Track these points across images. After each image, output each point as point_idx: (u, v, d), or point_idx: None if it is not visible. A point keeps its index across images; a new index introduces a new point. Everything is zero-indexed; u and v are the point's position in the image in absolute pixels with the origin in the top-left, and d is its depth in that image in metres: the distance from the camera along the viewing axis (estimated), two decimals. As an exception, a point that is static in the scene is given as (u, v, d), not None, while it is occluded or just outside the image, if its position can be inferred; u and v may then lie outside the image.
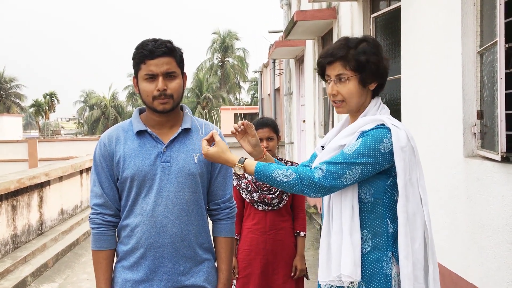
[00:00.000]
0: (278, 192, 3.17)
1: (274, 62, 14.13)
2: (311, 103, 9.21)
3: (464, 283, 3.46)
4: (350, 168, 1.82)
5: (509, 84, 2.95)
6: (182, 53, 2.08)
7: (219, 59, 53.07)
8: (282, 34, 10.93)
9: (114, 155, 2.05)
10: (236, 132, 2.10)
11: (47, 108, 58.67)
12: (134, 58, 2.03)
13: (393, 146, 1.84)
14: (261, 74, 18.59)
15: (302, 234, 3.28)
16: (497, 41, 2.94)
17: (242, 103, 52.68)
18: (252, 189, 3.19)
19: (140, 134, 2.07)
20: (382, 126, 1.89)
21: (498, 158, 2.96)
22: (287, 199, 3.22)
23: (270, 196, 3.16)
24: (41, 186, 7.15)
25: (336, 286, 1.92)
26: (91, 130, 55.12)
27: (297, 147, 11.85)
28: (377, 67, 1.94)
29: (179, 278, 2.05)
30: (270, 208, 3.18)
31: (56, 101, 59.61)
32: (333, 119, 7.98)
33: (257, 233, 3.19)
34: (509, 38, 2.90)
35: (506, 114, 2.94)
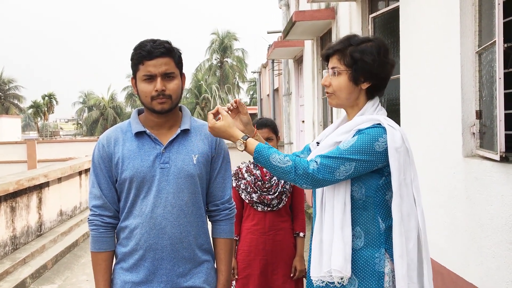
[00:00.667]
0: (277, 193, 3.17)
1: (273, 63, 14.13)
2: (310, 104, 9.20)
3: (463, 283, 3.46)
4: (344, 163, 1.86)
5: (508, 83, 2.95)
6: (180, 53, 2.08)
7: (218, 60, 53.05)
8: (281, 34, 10.93)
9: (113, 157, 2.05)
10: (229, 110, 2.12)
11: (46, 109, 58.67)
12: (132, 59, 2.02)
13: (387, 145, 1.87)
14: (260, 75, 18.58)
15: (301, 234, 3.28)
16: (495, 41, 2.94)
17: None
18: (251, 190, 3.18)
19: (138, 135, 2.06)
20: (378, 125, 1.92)
21: (497, 158, 2.96)
22: (287, 200, 3.22)
23: (270, 197, 3.16)
24: (40, 187, 7.14)
25: (327, 282, 1.94)
26: (90, 131, 55.09)
27: (296, 148, 11.85)
28: (370, 67, 1.95)
29: (178, 280, 2.04)
30: (269, 209, 3.18)
31: (55, 102, 59.62)
32: (332, 120, 7.98)
33: (256, 233, 3.19)
34: (507, 38, 2.90)
35: (505, 114, 2.94)
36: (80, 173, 9.24)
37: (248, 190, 3.19)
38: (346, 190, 1.92)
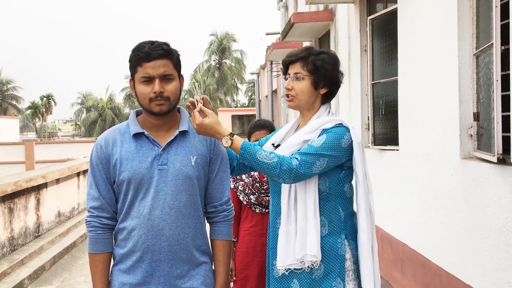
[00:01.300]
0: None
1: (271, 64, 14.15)
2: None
3: (461, 284, 3.47)
4: (319, 158, 2.09)
5: (505, 86, 2.96)
6: (178, 55, 2.08)
7: (217, 61, 53.05)
8: (279, 36, 10.95)
9: (111, 158, 2.05)
10: (191, 106, 2.15)
11: (44, 110, 58.57)
12: (130, 61, 2.02)
13: (352, 142, 2.15)
14: (258, 76, 18.61)
15: (299, 236, 3.29)
16: (493, 43, 2.95)
17: (240, 105, 52.66)
18: (249, 191, 3.19)
19: (137, 136, 2.06)
20: (340, 125, 2.19)
21: (495, 159, 2.96)
22: (285, 201, 3.22)
23: (267, 198, 3.16)
24: (38, 188, 7.13)
25: (293, 269, 2.15)
26: (88, 132, 55.06)
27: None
28: (330, 75, 2.22)
29: (176, 282, 2.04)
30: (267, 210, 3.18)
31: (53, 103, 59.53)
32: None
33: (254, 235, 3.19)
34: (505, 40, 2.91)
35: (503, 116, 2.95)
36: (78, 174, 9.23)
37: (246, 191, 3.19)
38: (315, 184, 2.15)
